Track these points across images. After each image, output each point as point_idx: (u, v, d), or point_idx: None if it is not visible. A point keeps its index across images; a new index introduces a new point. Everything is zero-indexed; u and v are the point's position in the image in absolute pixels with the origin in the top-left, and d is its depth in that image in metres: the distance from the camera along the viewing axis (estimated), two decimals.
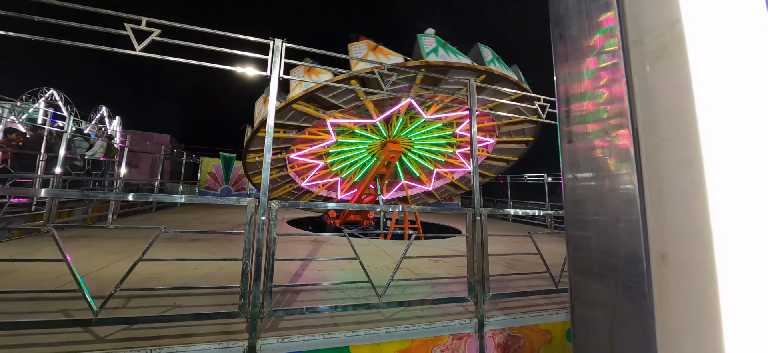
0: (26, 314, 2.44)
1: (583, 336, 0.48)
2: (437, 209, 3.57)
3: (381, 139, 9.92)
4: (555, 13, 0.56)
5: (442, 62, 6.32)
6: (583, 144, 0.51)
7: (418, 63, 6.20)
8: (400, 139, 9.99)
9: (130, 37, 2.61)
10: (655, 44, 0.43)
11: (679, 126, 0.40)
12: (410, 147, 10.86)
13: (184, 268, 3.82)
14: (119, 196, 2.40)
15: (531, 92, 4.71)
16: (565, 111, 0.54)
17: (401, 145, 9.94)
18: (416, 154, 11.30)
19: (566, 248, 0.54)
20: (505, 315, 3.09)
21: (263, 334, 2.39)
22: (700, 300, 0.37)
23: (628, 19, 0.46)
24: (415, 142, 10.62)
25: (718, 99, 0.39)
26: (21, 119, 8.30)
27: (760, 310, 0.36)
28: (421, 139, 10.51)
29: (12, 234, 5.38)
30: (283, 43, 2.88)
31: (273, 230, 2.52)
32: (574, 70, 0.52)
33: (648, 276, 0.41)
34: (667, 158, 0.41)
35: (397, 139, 9.84)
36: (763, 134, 0.40)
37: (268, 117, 2.71)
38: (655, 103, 0.43)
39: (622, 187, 0.45)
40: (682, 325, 0.37)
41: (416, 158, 11.46)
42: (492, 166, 11.80)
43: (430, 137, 10.49)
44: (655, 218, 0.42)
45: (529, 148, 10.30)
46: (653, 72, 0.43)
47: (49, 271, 3.41)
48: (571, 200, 0.52)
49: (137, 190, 13.73)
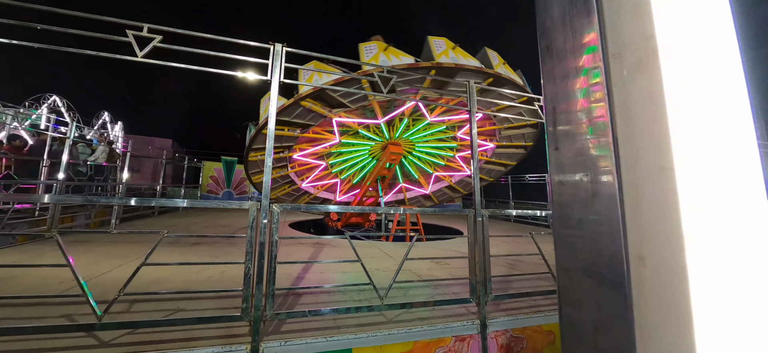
0: (31, 319, 2.47)
1: (571, 335, 0.50)
2: (439, 210, 3.58)
3: (383, 141, 9.92)
4: (542, 26, 0.59)
5: (453, 64, 6.31)
6: (568, 150, 0.53)
7: (429, 64, 6.20)
8: (402, 141, 10.00)
9: (132, 43, 2.65)
10: (632, 58, 0.45)
11: (653, 135, 0.42)
12: (411, 150, 10.87)
13: (187, 272, 3.84)
14: (122, 201, 2.43)
15: (532, 94, 4.73)
16: (552, 119, 0.56)
17: (402, 147, 9.94)
18: (417, 156, 11.30)
19: (554, 249, 0.56)
20: (508, 316, 3.09)
21: (266, 337, 2.40)
22: (674, 299, 0.39)
23: (609, 33, 0.48)
24: (416, 144, 10.63)
25: (688, 109, 0.41)
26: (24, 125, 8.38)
27: (728, 307, 0.38)
28: (422, 141, 10.52)
29: (16, 240, 5.43)
30: (283, 48, 2.91)
31: (275, 233, 2.54)
32: (559, 79, 0.55)
33: (628, 276, 0.43)
34: (644, 165, 0.43)
35: (398, 141, 9.84)
36: (728, 142, 0.42)
37: (269, 121, 2.74)
38: (633, 113, 0.46)
39: (604, 192, 0.47)
40: (658, 323, 0.39)
41: (416, 160, 11.46)
42: (490, 170, 11.79)
43: (431, 140, 10.50)
44: (633, 223, 0.44)
45: (527, 152, 10.31)
46: (631, 84, 0.46)
47: (53, 276, 3.44)
48: (558, 203, 0.54)
49: (139, 195, 13.80)
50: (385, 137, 9.77)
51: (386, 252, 5.71)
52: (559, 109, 0.55)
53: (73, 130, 7.32)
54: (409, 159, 11.31)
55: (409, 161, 11.44)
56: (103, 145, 9.45)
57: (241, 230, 8.13)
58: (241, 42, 2.99)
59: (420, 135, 10.09)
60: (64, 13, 2.66)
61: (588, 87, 0.50)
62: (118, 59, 2.69)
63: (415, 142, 10.46)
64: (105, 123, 11.30)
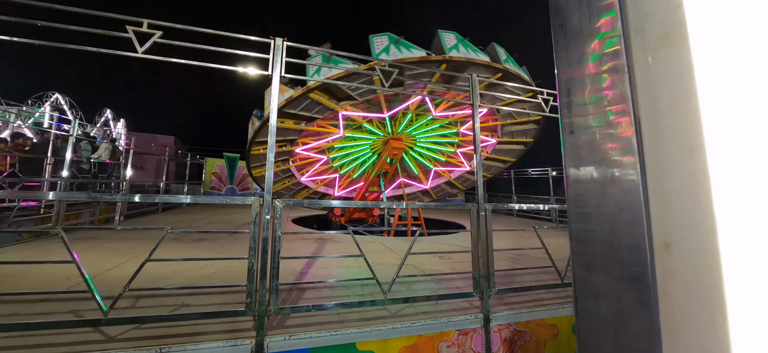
0: (38, 315, 2.49)
1: (588, 328, 0.48)
2: (442, 205, 3.57)
3: (385, 135, 9.90)
4: (555, 4, 0.56)
5: (465, 58, 6.29)
6: (585, 135, 0.50)
7: (440, 58, 6.17)
8: (404, 136, 9.96)
9: (133, 39, 2.63)
10: (656, 31, 0.42)
11: (681, 114, 0.40)
12: (413, 145, 10.83)
13: (191, 268, 3.86)
14: (126, 198, 2.43)
15: (537, 88, 4.71)
16: (567, 102, 0.54)
17: (404, 142, 9.90)
18: (418, 152, 11.28)
19: (569, 242, 0.54)
20: (511, 310, 3.08)
21: (270, 332, 2.41)
22: (705, 288, 0.36)
23: (629, 6, 0.45)
24: (418, 139, 10.59)
25: (721, 85, 0.39)
26: (27, 123, 8.42)
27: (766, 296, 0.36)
28: (424, 136, 10.48)
29: (22, 237, 5.47)
30: (284, 42, 2.88)
31: (278, 228, 2.53)
32: (575, 60, 0.52)
33: (652, 265, 0.41)
34: (670, 146, 0.41)
35: (399, 136, 9.80)
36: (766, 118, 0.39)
37: (270, 116, 2.72)
38: (657, 91, 0.43)
39: (625, 176, 0.45)
40: (686, 314, 0.37)
41: (417, 156, 11.44)
42: (490, 166, 11.76)
43: (433, 135, 10.45)
44: (657, 207, 0.41)
45: (527, 149, 10.25)
46: (655, 60, 0.43)
47: (59, 273, 3.46)
48: (574, 192, 0.52)
49: (143, 191, 13.87)
50: (387, 131, 9.74)
51: (389, 247, 5.71)
52: (575, 91, 0.52)
53: (76, 127, 7.35)
54: (410, 155, 11.28)
55: (410, 157, 11.42)
56: (106, 142, 9.48)
57: (244, 225, 8.16)
58: (242, 37, 2.97)
59: (422, 131, 10.04)
60: (63, 10, 2.64)
61: (606, 66, 0.48)
62: (119, 55, 2.67)
63: (416, 137, 10.41)
64: (107, 121, 11.33)
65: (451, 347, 2.81)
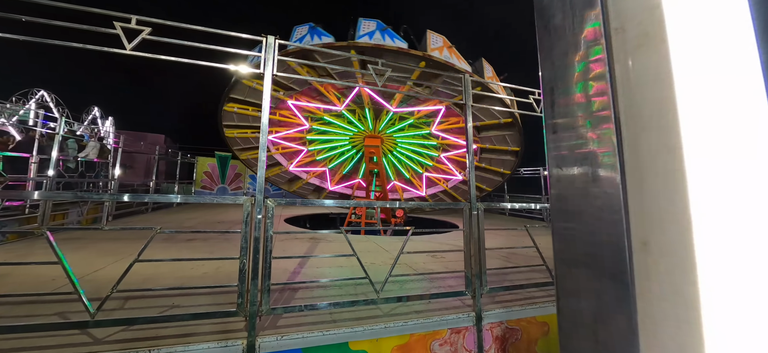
0: (23, 317, 2.43)
1: (569, 326, 0.49)
2: (435, 204, 3.59)
3: (365, 130, 10.02)
4: (539, 3, 0.56)
5: (444, 61, 6.50)
6: (567, 135, 0.51)
7: (420, 54, 6.41)
8: (383, 135, 10.09)
9: (121, 36, 2.58)
10: (635, 31, 0.43)
11: (659, 114, 0.41)
12: (393, 148, 11.02)
13: (182, 268, 3.81)
14: (114, 197, 2.39)
15: (518, 110, 4.87)
16: (550, 102, 0.54)
17: (383, 141, 10.06)
18: (402, 154, 11.48)
19: (552, 241, 0.55)
20: (503, 308, 3.11)
21: (262, 332, 2.39)
22: (680, 285, 0.37)
23: (610, 6, 0.46)
24: (398, 141, 10.76)
25: (698, 85, 0.40)
26: (12, 121, 8.20)
27: (738, 294, 0.37)
28: (403, 139, 10.67)
29: (6, 238, 5.34)
30: (275, 40, 2.86)
31: (269, 228, 2.52)
32: (558, 60, 0.53)
33: (630, 264, 0.42)
34: (648, 146, 0.42)
35: (378, 135, 9.92)
36: (742, 119, 0.40)
37: (262, 115, 2.69)
38: (636, 91, 0.44)
39: (606, 176, 0.45)
40: (663, 312, 0.38)
41: (403, 158, 11.66)
42: (488, 179, 12.01)
43: (413, 139, 10.67)
44: (636, 206, 0.42)
45: (519, 159, 10.43)
46: (634, 60, 0.44)
47: (45, 274, 3.38)
48: (557, 191, 0.53)
49: (132, 191, 13.65)
50: (369, 127, 9.86)
51: (382, 247, 5.72)
52: (557, 91, 0.53)
53: (62, 125, 7.19)
54: (394, 156, 11.54)
55: (395, 158, 11.65)
56: (94, 141, 9.29)
57: (236, 225, 8.08)
58: (233, 34, 2.93)
59: (402, 134, 10.27)
60: (49, 4, 2.57)
61: (588, 65, 0.48)
62: (107, 52, 2.62)
63: (396, 138, 10.60)
64: (95, 119, 11.09)
65: (444, 345, 2.83)
